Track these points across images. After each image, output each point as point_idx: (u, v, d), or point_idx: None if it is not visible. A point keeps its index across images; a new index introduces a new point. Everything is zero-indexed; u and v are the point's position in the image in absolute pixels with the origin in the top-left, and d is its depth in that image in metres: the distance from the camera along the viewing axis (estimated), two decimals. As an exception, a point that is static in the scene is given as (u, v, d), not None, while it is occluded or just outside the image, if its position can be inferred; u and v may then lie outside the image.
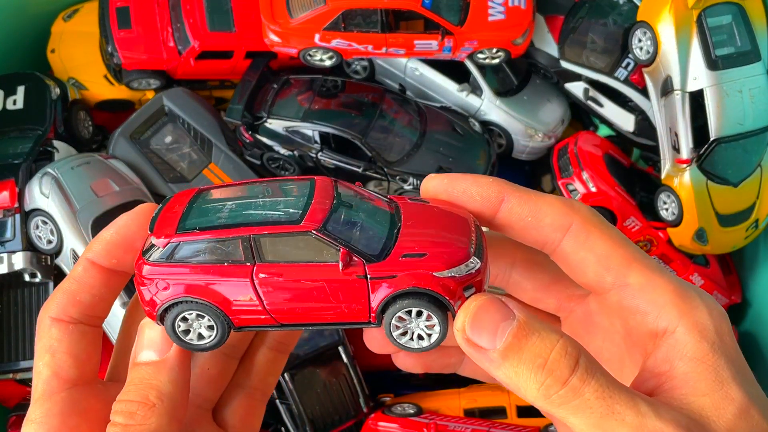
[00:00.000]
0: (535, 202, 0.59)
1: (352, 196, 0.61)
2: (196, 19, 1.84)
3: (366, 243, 0.58)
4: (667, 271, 0.57)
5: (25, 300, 1.71)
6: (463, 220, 0.60)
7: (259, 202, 0.61)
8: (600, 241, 0.57)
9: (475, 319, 0.53)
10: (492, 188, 0.60)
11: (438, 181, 0.62)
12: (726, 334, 0.53)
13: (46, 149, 1.76)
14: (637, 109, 1.85)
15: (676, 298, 0.54)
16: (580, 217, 0.58)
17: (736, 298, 1.94)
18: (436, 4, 1.72)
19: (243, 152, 1.86)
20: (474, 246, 0.58)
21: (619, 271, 0.57)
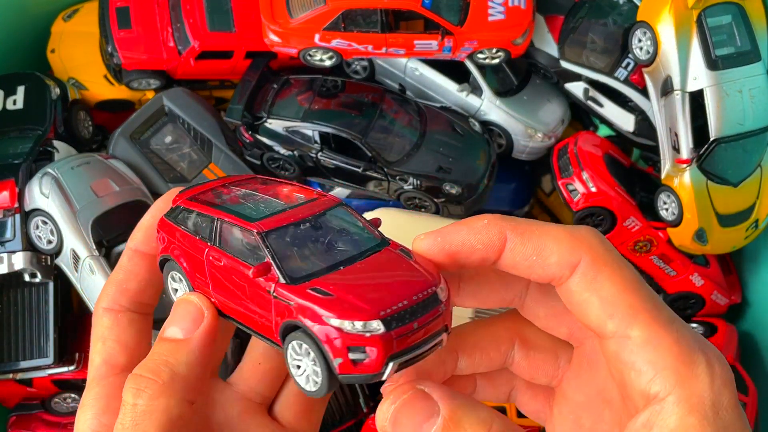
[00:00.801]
0: (538, 238, 0.54)
1: (340, 222, 0.59)
2: (196, 19, 1.84)
3: (297, 266, 0.56)
4: (676, 325, 0.52)
5: (25, 300, 1.71)
6: (419, 284, 0.54)
7: (263, 199, 0.62)
8: (608, 283, 0.53)
9: (395, 420, 0.51)
10: (491, 231, 0.55)
11: (430, 240, 0.56)
12: (725, 407, 0.50)
13: (46, 149, 1.76)
14: (637, 109, 1.85)
15: (678, 362, 0.50)
16: (590, 254, 0.53)
17: (736, 298, 1.94)
18: (436, 4, 1.72)
19: (243, 152, 1.86)
20: (395, 312, 0.52)
21: (622, 321, 0.52)
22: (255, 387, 0.67)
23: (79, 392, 1.79)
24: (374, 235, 0.59)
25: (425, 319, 0.53)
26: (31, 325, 1.70)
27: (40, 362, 1.69)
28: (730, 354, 1.79)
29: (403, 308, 0.53)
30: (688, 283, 1.88)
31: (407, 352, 0.53)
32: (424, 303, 0.53)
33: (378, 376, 0.52)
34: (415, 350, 0.53)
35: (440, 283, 0.55)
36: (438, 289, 0.55)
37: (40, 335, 1.70)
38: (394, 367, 0.52)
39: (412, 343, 0.53)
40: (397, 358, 0.52)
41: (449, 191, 1.76)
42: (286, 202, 0.61)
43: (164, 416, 0.54)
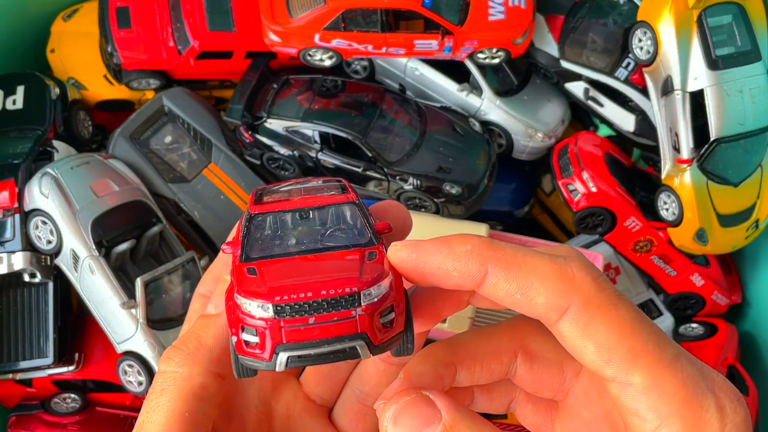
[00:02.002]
0: (524, 275, 0.49)
1: (339, 218, 0.58)
2: (195, 19, 1.83)
3: (260, 246, 0.56)
4: (681, 363, 0.48)
5: (24, 300, 1.71)
6: (340, 282, 0.51)
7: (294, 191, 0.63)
8: (603, 328, 0.48)
9: (395, 421, 0.50)
10: (472, 262, 0.50)
11: (406, 253, 0.52)
12: None
13: (46, 149, 1.76)
14: (638, 109, 1.84)
15: (685, 407, 0.47)
16: (580, 298, 0.48)
17: (736, 298, 1.94)
18: (436, 4, 1.72)
19: (243, 152, 1.86)
20: (292, 302, 0.50)
21: (621, 367, 0.48)
22: (315, 389, 0.67)
23: (79, 392, 1.79)
24: (365, 236, 0.56)
25: (326, 317, 0.50)
26: (30, 325, 1.70)
27: (40, 362, 1.69)
28: (730, 354, 1.79)
29: (303, 299, 0.50)
30: (688, 283, 1.87)
31: (300, 347, 0.50)
32: (332, 300, 0.50)
33: (270, 366, 0.51)
34: (310, 347, 0.50)
35: (370, 288, 0.51)
36: (362, 293, 0.51)
37: (39, 335, 1.70)
38: (285, 360, 0.50)
39: (306, 338, 0.50)
40: (287, 350, 0.50)
41: (449, 191, 1.76)
42: (301, 194, 0.61)
43: (187, 384, 0.55)
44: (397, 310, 0.52)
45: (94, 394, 1.81)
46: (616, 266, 1.93)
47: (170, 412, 0.55)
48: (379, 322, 0.51)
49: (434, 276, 0.51)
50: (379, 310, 0.51)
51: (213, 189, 1.85)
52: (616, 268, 1.94)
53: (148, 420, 0.55)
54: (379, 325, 0.51)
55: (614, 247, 1.86)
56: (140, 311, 1.60)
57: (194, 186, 1.85)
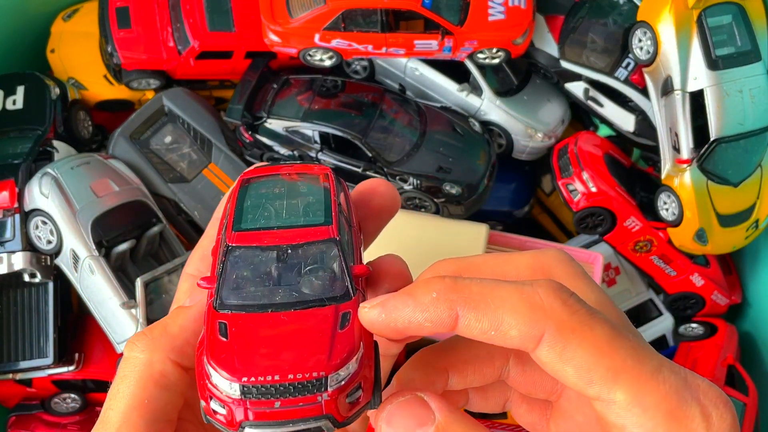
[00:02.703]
0: (494, 312, 0.48)
1: (316, 258, 0.57)
2: (195, 19, 1.84)
3: (235, 291, 0.55)
4: (664, 374, 0.48)
5: (24, 300, 1.71)
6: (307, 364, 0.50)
7: (274, 204, 0.61)
8: (580, 351, 0.47)
9: (389, 420, 0.50)
10: (440, 308, 0.49)
11: (375, 313, 0.51)
12: None
13: (46, 149, 1.76)
14: (638, 109, 1.84)
15: (670, 419, 0.47)
16: (553, 324, 0.48)
17: (736, 299, 1.94)
18: (436, 4, 1.72)
19: (243, 152, 1.86)
20: (259, 384, 0.50)
21: (603, 387, 0.47)
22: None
23: (79, 392, 1.79)
24: (341, 287, 0.55)
25: (292, 402, 0.50)
26: (30, 325, 1.70)
27: (40, 362, 1.69)
28: (731, 354, 1.79)
29: (270, 383, 0.50)
30: (688, 283, 1.87)
31: (265, 425, 0.51)
32: (298, 385, 0.50)
33: None
34: (275, 426, 0.51)
35: (339, 371, 0.50)
36: (329, 378, 0.50)
37: (39, 335, 1.70)
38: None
39: (271, 419, 0.51)
40: (252, 427, 0.51)
41: (449, 191, 1.76)
42: (283, 215, 0.59)
43: (147, 370, 0.55)
44: (364, 386, 0.52)
45: (94, 394, 1.81)
46: (616, 266, 1.94)
47: (130, 399, 0.54)
48: (345, 402, 0.51)
49: (408, 330, 0.51)
50: (346, 391, 0.51)
51: (213, 189, 1.85)
52: (616, 268, 1.94)
53: (110, 407, 0.55)
54: (345, 405, 0.51)
55: (614, 247, 1.87)
56: (140, 311, 1.60)
57: (194, 186, 1.85)
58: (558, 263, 0.56)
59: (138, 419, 0.53)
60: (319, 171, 0.62)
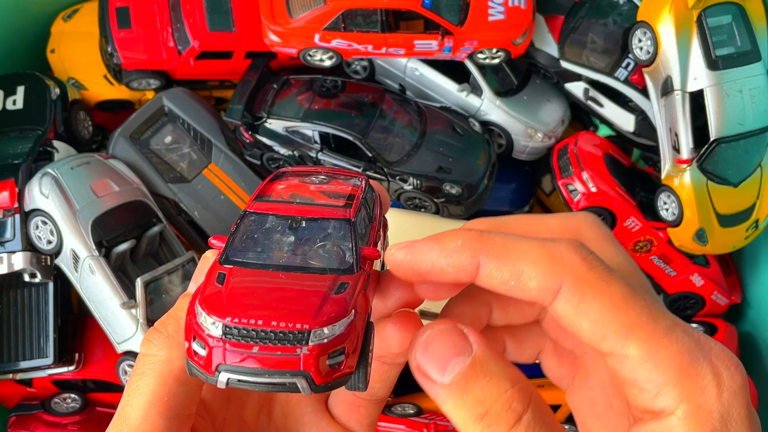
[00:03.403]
0: (515, 262, 0.50)
1: (327, 235, 0.57)
2: (195, 19, 1.84)
3: (242, 250, 0.56)
4: (677, 334, 0.49)
5: (25, 300, 1.71)
6: (294, 316, 0.50)
7: (302, 191, 0.63)
8: (596, 304, 0.49)
9: (426, 346, 0.50)
10: (463, 255, 0.51)
11: (401, 254, 0.53)
12: (734, 418, 0.47)
13: (46, 149, 1.76)
14: (637, 109, 1.84)
15: (681, 374, 0.48)
16: (571, 277, 0.49)
17: (736, 299, 1.94)
18: (436, 4, 1.72)
19: (243, 152, 1.86)
20: (242, 326, 0.50)
21: (616, 341, 0.49)
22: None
23: (79, 392, 1.79)
24: (346, 262, 0.55)
25: (271, 350, 0.50)
26: (31, 325, 1.70)
27: (40, 362, 1.69)
28: (731, 354, 1.79)
29: (252, 326, 0.50)
30: (688, 283, 1.87)
31: (240, 371, 0.50)
32: (280, 333, 0.50)
33: (212, 381, 0.51)
34: (249, 374, 0.50)
35: (323, 328, 0.50)
36: (312, 332, 0.50)
37: (40, 335, 1.70)
38: (225, 380, 0.51)
39: (247, 365, 0.50)
40: (228, 371, 0.51)
41: (449, 191, 1.76)
42: (306, 197, 0.60)
43: (167, 367, 0.55)
44: (348, 351, 0.51)
45: (94, 394, 1.81)
46: (616, 266, 1.93)
47: (150, 396, 0.54)
48: (326, 363, 0.51)
49: (430, 274, 0.52)
50: (327, 351, 0.50)
51: (213, 189, 1.85)
52: (616, 268, 1.93)
53: (128, 404, 0.55)
54: (326, 366, 0.51)
55: (614, 247, 1.86)
56: (140, 311, 1.60)
57: (194, 186, 1.85)
58: (587, 225, 0.56)
59: (157, 417, 0.54)
60: (355, 174, 0.63)
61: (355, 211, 0.57)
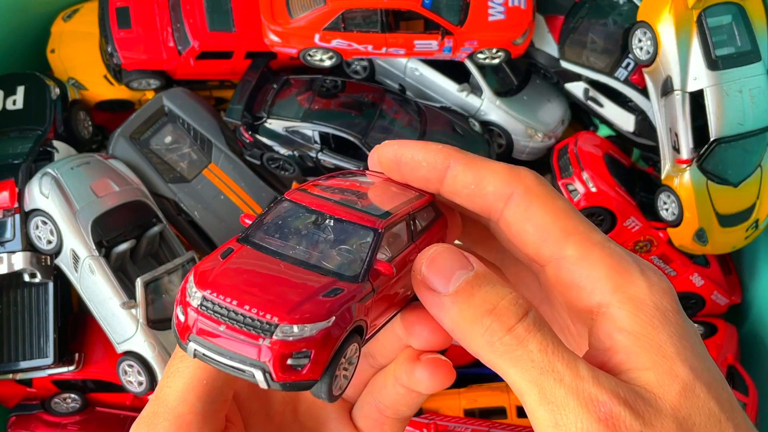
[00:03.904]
0: (479, 168, 0.57)
1: (350, 239, 0.57)
2: (195, 19, 1.84)
3: (263, 235, 0.57)
4: (610, 244, 0.54)
5: (24, 300, 1.71)
6: (269, 305, 0.50)
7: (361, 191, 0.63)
8: (540, 211, 0.55)
9: (432, 261, 0.53)
10: (439, 155, 0.58)
11: (389, 147, 0.60)
12: (669, 309, 0.51)
13: (46, 149, 1.76)
14: (637, 109, 1.84)
15: (612, 271, 0.52)
16: (522, 186, 0.56)
17: (736, 299, 1.94)
18: (436, 4, 1.72)
19: (243, 152, 1.86)
20: (217, 302, 0.50)
21: (556, 243, 0.54)
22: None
23: (79, 392, 1.79)
24: (354, 270, 0.54)
25: (236, 332, 0.49)
26: (31, 325, 1.70)
27: (40, 362, 1.69)
28: (731, 354, 1.79)
29: (226, 304, 0.50)
30: (688, 283, 1.87)
31: (206, 346, 0.50)
32: (248, 318, 0.50)
33: (183, 348, 0.52)
34: (212, 351, 0.50)
35: (293, 326, 0.49)
36: (279, 327, 0.49)
37: (40, 335, 1.70)
38: (193, 351, 0.51)
39: (211, 341, 0.50)
40: (196, 342, 0.51)
41: (449, 191, 1.76)
42: (352, 199, 0.59)
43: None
44: (315, 357, 0.50)
45: (94, 394, 1.81)
46: (616, 266, 1.93)
47: (189, 378, 0.55)
48: (287, 361, 0.50)
49: (407, 165, 0.59)
50: (290, 350, 0.49)
51: (213, 189, 1.85)
52: (615, 268, 1.93)
53: (167, 385, 0.55)
54: (287, 365, 0.50)
55: (614, 247, 1.86)
56: (140, 311, 1.60)
57: (194, 186, 1.85)
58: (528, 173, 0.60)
59: (195, 399, 0.54)
60: (425, 193, 0.62)
61: (390, 224, 0.57)
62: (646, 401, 0.48)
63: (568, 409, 0.47)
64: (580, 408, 0.47)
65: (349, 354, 0.53)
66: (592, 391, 0.47)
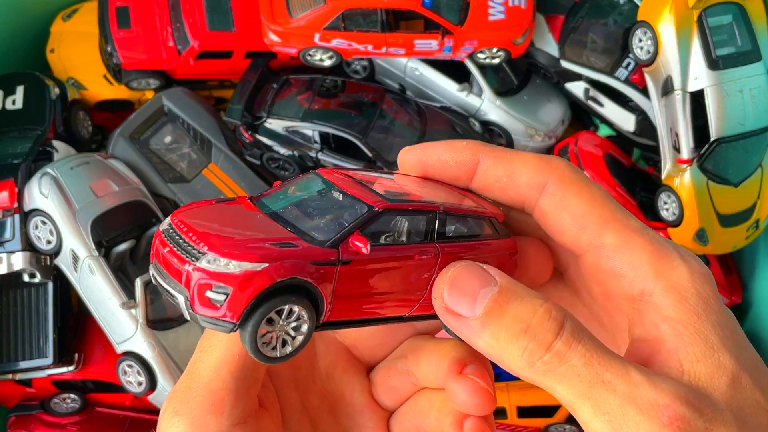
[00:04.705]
0: (509, 161, 0.56)
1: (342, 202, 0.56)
2: (195, 18, 1.83)
3: (273, 198, 0.57)
4: (649, 232, 0.53)
5: (24, 300, 1.71)
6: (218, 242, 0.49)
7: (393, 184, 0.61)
8: (576, 199, 0.54)
9: (453, 285, 0.51)
10: (466, 152, 0.57)
11: (412, 153, 0.59)
12: (710, 296, 0.50)
13: (46, 149, 1.76)
14: (638, 109, 1.84)
15: (653, 258, 0.51)
16: (556, 174, 0.55)
17: (736, 299, 1.93)
18: (436, 4, 1.72)
19: (243, 152, 1.86)
20: (180, 230, 0.50)
21: (594, 231, 0.53)
22: (364, 343, 0.65)
23: (79, 392, 1.79)
24: (326, 236, 0.52)
25: (173, 255, 0.50)
26: (30, 326, 1.70)
27: (40, 362, 1.69)
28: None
29: (179, 231, 0.51)
30: (688, 283, 1.87)
31: (157, 268, 0.52)
32: (186, 245, 0.50)
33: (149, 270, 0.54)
34: (157, 273, 0.52)
35: (219, 257, 0.48)
36: (206, 255, 0.48)
37: (39, 335, 1.70)
38: (151, 274, 0.52)
39: (160, 263, 0.51)
40: (153, 266, 0.52)
41: (449, 191, 1.76)
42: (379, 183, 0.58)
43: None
44: (234, 297, 0.48)
45: (94, 394, 1.81)
46: (616, 266, 1.93)
47: (222, 353, 0.54)
48: (206, 292, 0.49)
49: (435, 167, 0.58)
50: (210, 280, 0.48)
51: (213, 189, 1.85)
52: (616, 268, 1.93)
53: (200, 360, 0.55)
54: (205, 297, 0.49)
55: (614, 247, 1.86)
56: (140, 311, 1.60)
57: (194, 186, 1.85)
58: (560, 161, 0.60)
59: (228, 375, 0.53)
60: (490, 210, 0.59)
61: (395, 208, 0.53)
62: (703, 397, 0.46)
63: (628, 417, 0.45)
64: (641, 415, 0.45)
65: (288, 315, 0.50)
66: (651, 395, 0.45)
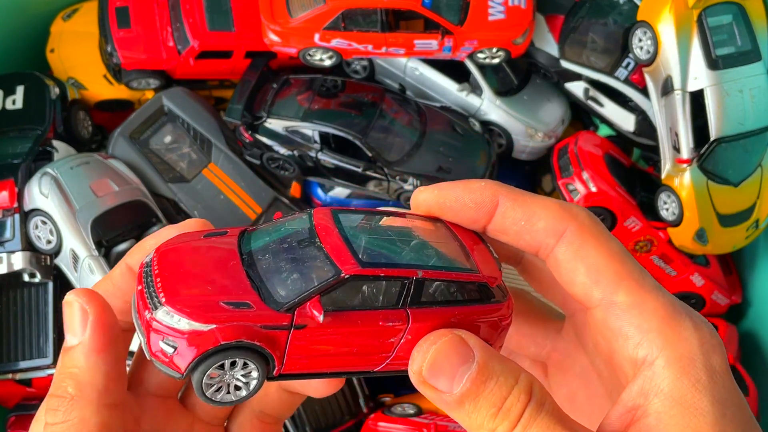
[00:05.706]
0: (529, 205, 0.55)
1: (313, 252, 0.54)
2: (195, 18, 1.83)
3: (255, 240, 0.58)
4: (663, 293, 0.52)
5: (24, 300, 1.71)
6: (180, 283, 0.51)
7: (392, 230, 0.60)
8: (593, 251, 0.53)
9: (433, 363, 0.51)
10: (485, 193, 0.56)
11: (428, 193, 0.58)
12: (717, 370, 0.49)
13: (46, 149, 1.76)
14: (638, 108, 1.84)
15: (663, 324, 0.50)
16: (576, 224, 0.54)
17: (736, 299, 1.93)
18: (436, 4, 1.72)
19: (243, 152, 1.86)
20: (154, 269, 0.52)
21: (607, 287, 0.52)
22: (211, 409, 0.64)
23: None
24: (284, 300, 0.51)
25: (141, 297, 0.52)
26: (30, 325, 1.70)
27: (40, 362, 1.69)
28: (731, 354, 1.79)
29: (151, 272, 0.53)
30: (688, 283, 1.87)
31: (134, 299, 0.54)
32: (152, 289, 0.51)
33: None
34: (133, 307, 0.54)
35: (172, 313, 0.50)
36: (162, 309, 0.50)
37: (39, 335, 1.70)
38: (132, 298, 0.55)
39: (137, 298, 0.53)
40: (134, 296, 0.55)
41: (449, 191, 1.76)
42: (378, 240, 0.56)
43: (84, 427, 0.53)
44: (182, 351, 0.50)
45: (94, 394, 1.81)
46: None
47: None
48: (158, 342, 0.50)
49: (453, 209, 0.57)
50: (162, 332, 0.50)
51: (213, 189, 1.85)
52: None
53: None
54: (158, 345, 0.50)
55: (614, 247, 1.86)
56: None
57: (194, 186, 1.85)
58: (581, 210, 0.59)
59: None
60: (483, 274, 0.57)
61: (362, 273, 0.51)
62: None
63: None
64: None
65: (236, 370, 0.51)
66: None
